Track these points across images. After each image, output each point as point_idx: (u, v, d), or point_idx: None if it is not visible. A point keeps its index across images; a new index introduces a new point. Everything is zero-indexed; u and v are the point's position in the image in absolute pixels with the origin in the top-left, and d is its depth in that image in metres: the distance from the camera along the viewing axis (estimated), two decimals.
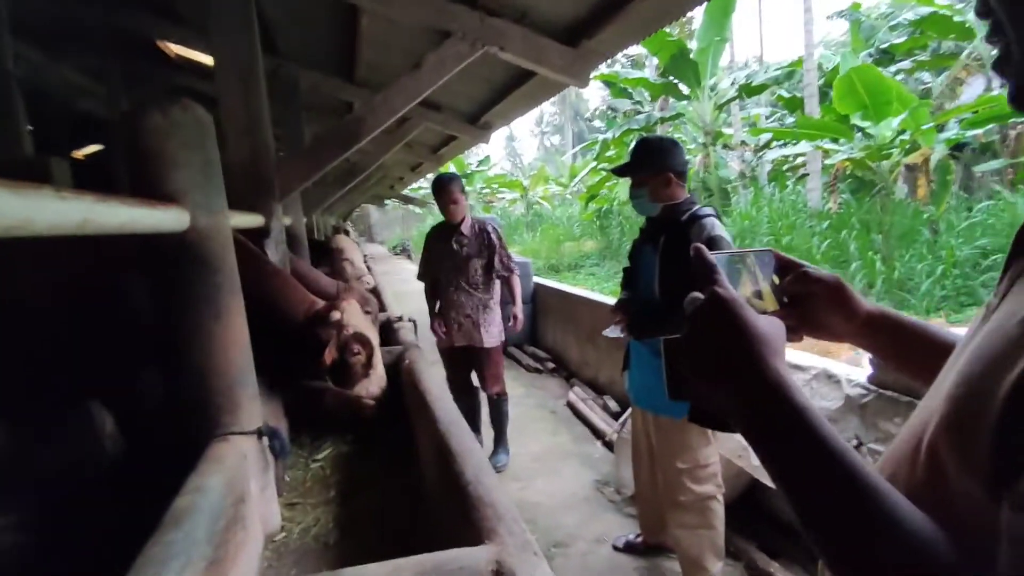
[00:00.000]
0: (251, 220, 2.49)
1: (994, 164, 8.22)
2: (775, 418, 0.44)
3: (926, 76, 12.88)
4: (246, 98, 2.74)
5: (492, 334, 3.07)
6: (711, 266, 0.53)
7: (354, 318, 2.18)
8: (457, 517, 1.30)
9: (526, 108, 4.58)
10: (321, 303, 2.26)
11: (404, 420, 2.42)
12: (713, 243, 1.84)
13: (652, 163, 2.00)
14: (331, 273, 5.03)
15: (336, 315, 2.10)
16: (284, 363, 2.12)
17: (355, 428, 2.49)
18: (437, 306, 3.28)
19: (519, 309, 3.21)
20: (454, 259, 3.10)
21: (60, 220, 0.83)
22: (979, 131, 8.24)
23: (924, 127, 6.66)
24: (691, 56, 9.69)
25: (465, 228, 3.10)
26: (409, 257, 20.55)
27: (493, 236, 3.08)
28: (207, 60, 4.66)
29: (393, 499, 1.92)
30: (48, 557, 1.56)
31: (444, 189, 3.07)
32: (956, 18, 8.93)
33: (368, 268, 8.06)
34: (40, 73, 5.34)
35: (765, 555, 2.13)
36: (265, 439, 1.64)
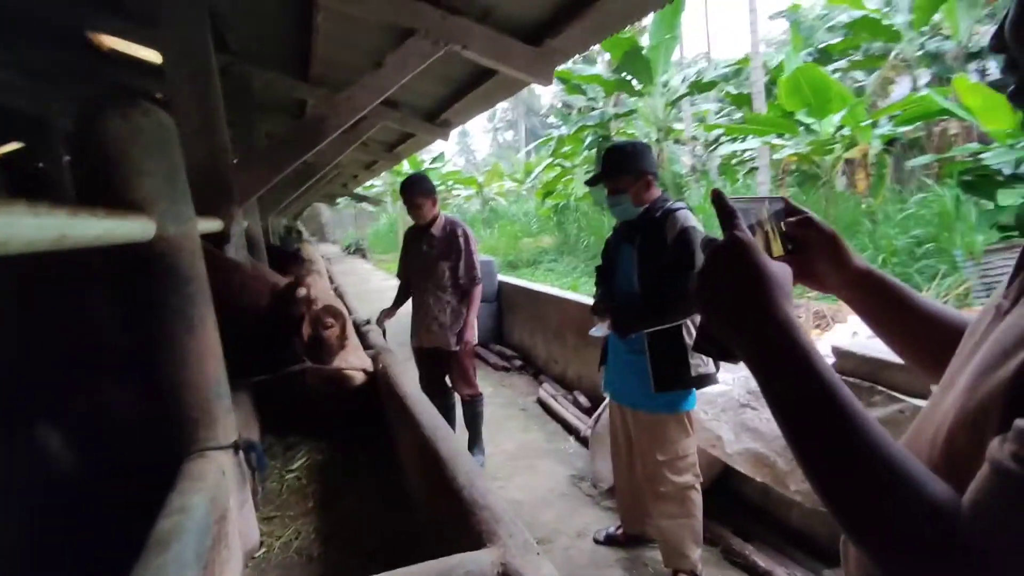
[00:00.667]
0: (210, 225, 2.39)
1: (924, 159, 8.74)
2: (781, 351, 0.48)
3: (859, 75, 13.57)
4: (200, 97, 2.64)
5: (467, 341, 3.01)
6: (731, 211, 0.56)
7: (320, 292, 2.14)
8: (453, 522, 1.30)
9: (486, 106, 4.57)
10: (282, 282, 2.20)
11: (380, 426, 2.39)
12: (686, 234, 1.89)
13: (631, 168, 2.04)
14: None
15: (303, 290, 2.05)
16: (253, 356, 2.05)
17: (327, 434, 2.44)
18: (400, 305, 3.25)
19: (471, 328, 3.00)
20: (423, 261, 3.06)
21: (37, 236, 0.78)
22: (908, 128, 8.76)
23: (862, 124, 7.03)
24: (643, 53, 9.89)
25: (435, 229, 3.04)
26: (364, 256, 20.19)
27: (461, 240, 3.01)
28: (146, 55, 4.44)
29: (376, 507, 1.89)
30: None
31: (403, 194, 3.04)
32: (884, 21, 9.45)
33: (331, 281, 7.90)
34: None
35: (740, 539, 2.21)
36: (242, 453, 1.59)
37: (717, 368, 2.00)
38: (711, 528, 2.33)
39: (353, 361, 2.11)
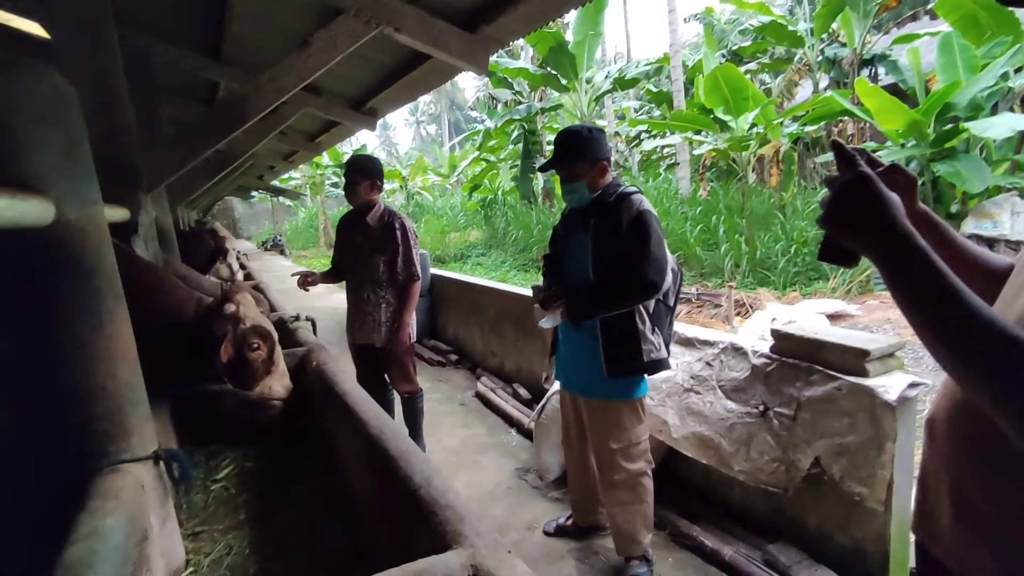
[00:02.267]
0: (114, 214, 2.15)
1: (828, 156, 9.46)
2: (908, 255, 0.63)
3: (766, 77, 14.44)
4: (97, 69, 2.37)
5: (400, 341, 2.82)
6: (852, 154, 0.72)
7: (250, 311, 1.98)
8: (412, 525, 1.21)
9: (416, 94, 4.43)
10: (210, 299, 2.03)
11: (315, 427, 2.23)
12: (643, 217, 1.88)
13: (587, 154, 1.99)
14: (218, 259, 4.55)
15: (231, 307, 1.91)
16: (171, 369, 1.87)
17: (257, 440, 2.26)
18: (327, 279, 3.06)
19: (406, 327, 2.81)
20: (357, 252, 2.84)
21: None
22: (813, 127, 9.42)
23: (773, 122, 7.47)
24: (568, 48, 10.00)
25: (371, 219, 2.81)
26: (282, 252, 19.23)
27: (399, 232, 2.78)
28: (28, 27, 3.94)
29: (316, 516, 1.76)
30: None
31: (344, 172, 2.81)
32: (789, 27, 10.09)
33: (243, 266, 7.41)
34: None
35: (686, 521, 2.25)
36: (163, 464, 1.42)
37: (668, 354, 2.02)
38: (658, 512, 2.36)
39: (276, 389, 1.96)
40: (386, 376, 2.95)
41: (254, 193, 15.80)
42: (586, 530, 2.29)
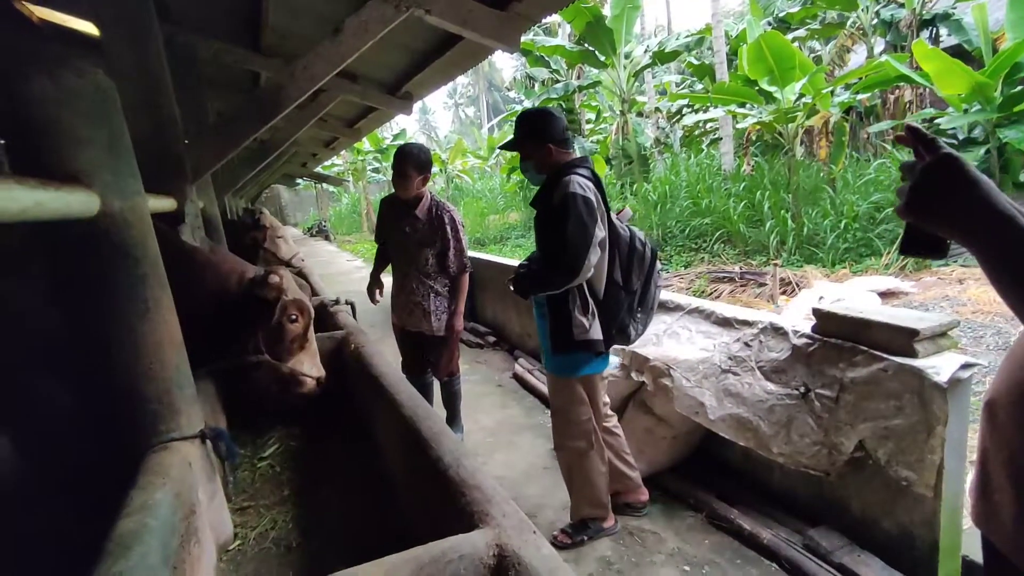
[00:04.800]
0: (162, 204, 2.24)
1: (882, 125, 8.93)
2: (1006, 232, 0.62)
3: (816, 44, 13.71)
4: (143, 66, 2.45)
5: (444, 322, 2.86)
6: (932, 137, 0.69)
7: (292, 285, 2.07)
8: (441, 504, 1.24)
9: (450, 76, 4.42)
10: (252, 271, 2.11)
11: (354, 408, 2.30)
12: (566, 200, 1.89)
13: (532, 136, 2.07)
14: (260, 250, 4.71)
15: (275, 278, 1.98)
16: (216, 340, 1.96)
17: (298, 420, 2.34)
18: (380, 271, 3.10)
19: (459, 317, 2.86)
20: (405, 244, 2.83)
21: None
22: (865, 95, 8.91)
23: (822, 92, 7.10)
24: (606, 23, 9.74)
25: (420, 211, 2.77)
26: (327, 238, 19.71)
27: (449, 228, 2.76)
28: (80, 26, 4.12)
29: (355, 493, 1.81)
30: None
31: (395, 161, 2.76)
32: None
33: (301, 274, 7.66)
34: None
35: (724, 503, 2.22)
36: (209, 442, 1.49)
37: (608, 342, 2.07)
38: (694, 494, 2.34)
39: (308, 367, 2.02)
40: (429, 360, 3.00)
41: (299, 181, 16.19)
42: (619, 509, 2.29)
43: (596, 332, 2.01)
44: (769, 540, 2.01)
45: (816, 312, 2.01)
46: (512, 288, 2.11)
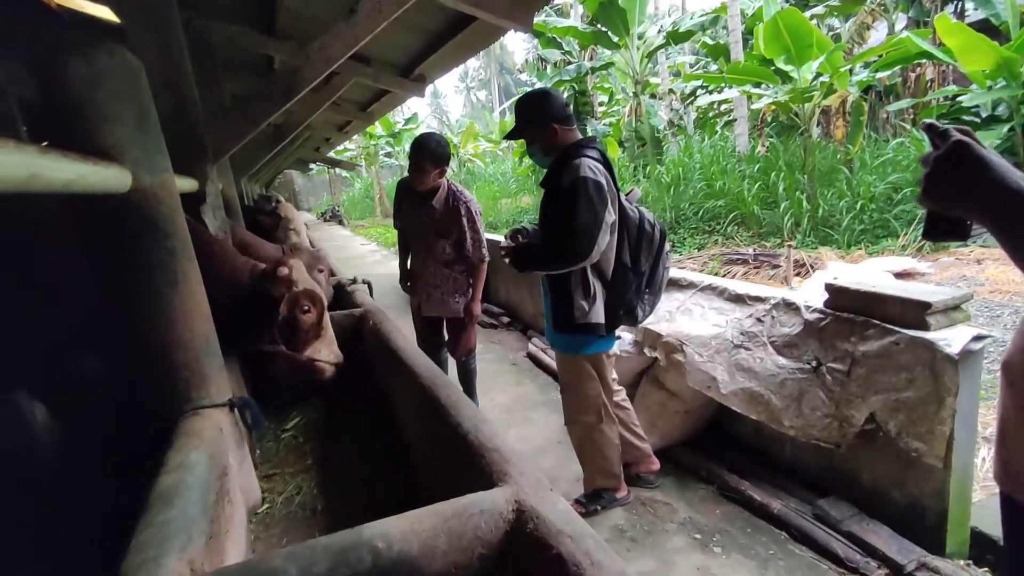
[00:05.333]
0: (184, 184, 2.29)
1: (901, 104, 8.74)
2: (1020, 206, 0.65)
3: (835, 22, 13.42)
4: (163, 50, 2.49)
5: (461, 306, 2.88)
6: (944, 128, 0.74)
7: (302, 275, 2.08)
8: (461, 467, 1.29)
9: (463, 58, 4.42)
10: (263, 265, 2.14)
11: (374, 381, 2.36)
12: (576, 184, 1.88)
13: (534, 120, 2.06)
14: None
15: (284, 271, 2.00)
16: (231, 331, 2.00)
17: (319, 394, 2.41)
18: (407, 263, 3.11)
19: (478, 303, 2.88)
20: (423, 232, 2.84)
21: (7, 174, 0.72)
22: (885, 73, 8.73)
23: (840, 70, 6.98)
24: (619, 3, 9.61)
25: (436, 202, 2.76)
26: (341, 223, 19.83)
27: (465, 219, 2.74)
28: (96, 11, 4.16)
29: (376, 461, 1.88)
30: None
31: (411, 153, 2.71)
32: None
33: (313, 255, 7.73)
34: None
35: (735, 475, 2.26)
36: (237, 411, 1.56)
37: (612, 325, 2.09)
38: (706, 466, 2.38)
39: (326, 354, 2.04)
40: (445, 340, 3.05)
41: (312, 165, 16.26)
42: (632, 481, 2.35)
43: (596, 315, 2.02)
44: (779, 510, 2.05)
45: (828, 287, 2.02)
46: (507, 260, 2.12)
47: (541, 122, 2.04)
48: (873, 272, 5.21)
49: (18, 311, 1.54)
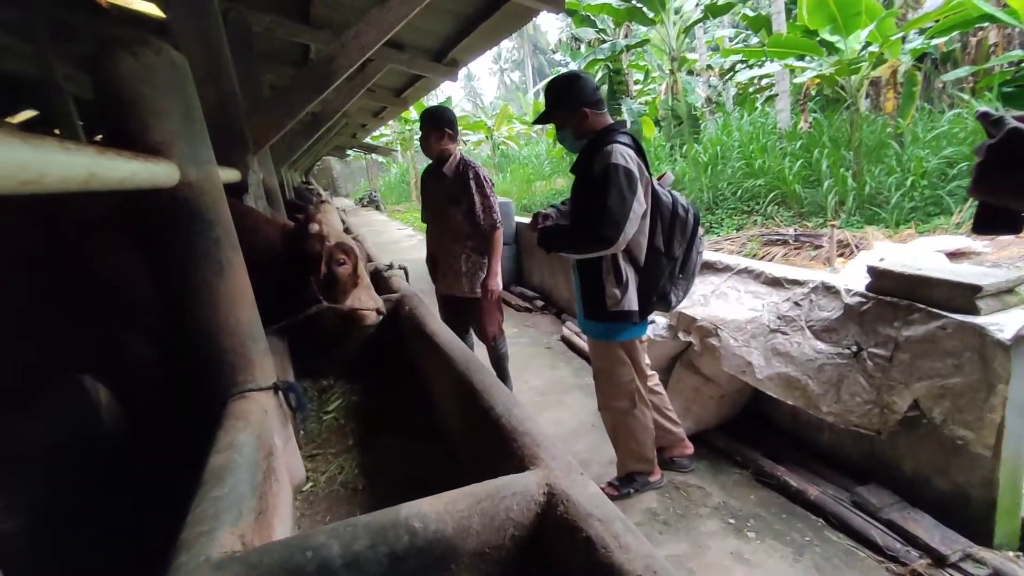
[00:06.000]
0: (227, 175, 2.37)
1: (960, 72, 8.24)
2: None
3: None
4: (205, 43, 2.56)
5: (477, 283, 2.86)
6: (1000, 116, 0.71)
7: (333, 228, 2.12)
8: (493, 450, 1.32)
9: (495, 41, 4.40)
10: (291, 224, 2.18)
11: (410, 365, 2.42)
12: (607, 171, 1.86)
13: (565, 104, 2.04)
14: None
15: (315, 227, 2.03)
16: (276, 299, 2.05)
17: (360, 376, 2.49)
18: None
19: (495, 276, 2.82)
20: (437, 204, 2.89)
21: (68, 174, 0.76)
22: (942, 40, 8.24)
23: (891, 38, 6.63)
24: None
25: (447, 170, 2.82)
26: (378, 208, 20.12)
27: (472, 183, 2.75)
28: (143, 8, 4.30)
29: (413, 442, 1.94)
30: (53, 538, 1.54)
31: (421, 123, 2.83)
32: None
33: (343, 221, 7.89)
34: None
35: (771, 461, 2.24)
36: (281, 394, 1.63)
37: (646, 312, 2.07)
38: (740, 451, 2.36)
39: (366, 300, 2.10)
40: (471, 325, 3.05)
41: (349, 152, 16.51)
42: (665, 464, 2.35)
43: (629, 303, 2.01)
44: (816, 496, 2.02)
45: (871, 270, 1.96)
46: (537, 240, 2.12)
47: (571, 106, 2.02)
48: (923, 252, 5.00)
49: (79, 302, 1.64)
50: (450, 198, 2.82)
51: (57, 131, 6.32)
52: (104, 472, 1.79)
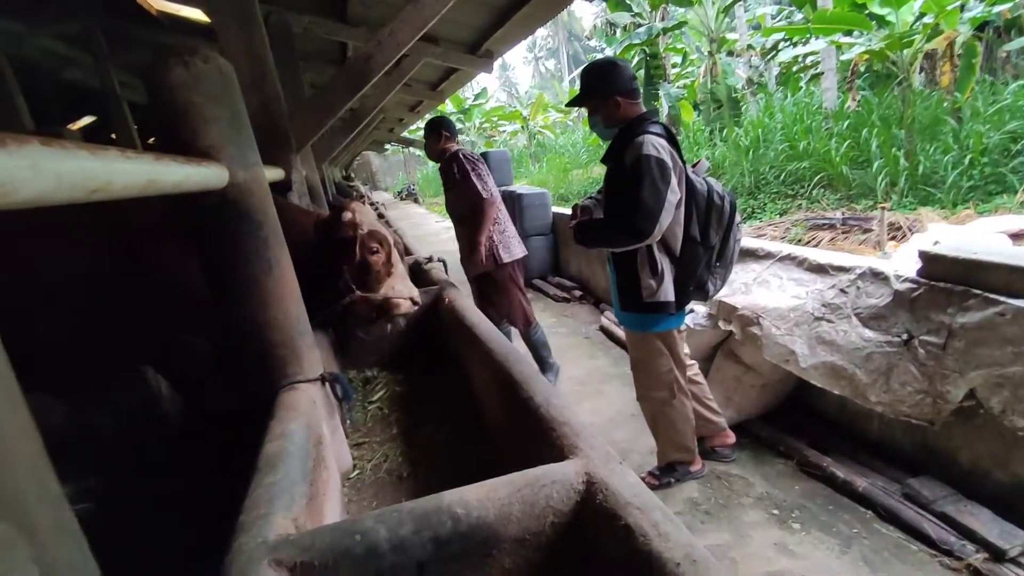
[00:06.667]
0: (272, 174, 2.45)
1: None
2: None
3: None
4: (248, 46, 2.65)
5: (475, 263, 3.07)
6: None
7: (366, 217, 2.13)
8: (533, 440, 1.34)
9: (530, 30, 4.39)
10: (325, 213, 2.22)
11: (449, 357, 2.47)
12: (640, 162, 1.83)
13: (598, 90, 2.02)
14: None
15: (348, 215, 2.04)
16: (311, 294, 2.09)
17: (402, 367, 2.56)
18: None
19: (479, 244, 3.01)
20: (446, 197, 3.21)
21: (131, 181, 0.82)
22: (1005, 7, 7.74)
23: (948, 8, 6.27)
24: None
25: (442, 161, 3.15)
26: (416, 201, 20.35)
27: (455, 165, 3.02)
28: (192, 14, 4.46)
29: (455, 432, 1.98)
30: (119, 521, 1.64)
31: (424, 133, 3.21)
32: None
33: (381, 215, 8.02)
34: (22, 44, 5.17)
35: (816, 451, 2.19)
36: (328, 385, 1.69)
37: (682, 302, 2.05)
38: (784, 442, 2.32)
39: (400, 289, 2.10)
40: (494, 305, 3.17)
41: (387, 146, 16.75)
42: (707, 453, 2.33)
43: (665, 294, 2.00)
44: (864, 488, 1.97)
45: (922, 255, 1.89)
46: (573, 234, 2.15)
47: (604, 93, 2.01)
48: (983, 233, 4.75)
49: (140, 300, 1.74)
50: (446, 183, 3.15)
51: (114, 135, 6.65)
52: (163, 456, 1.90)
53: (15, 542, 0.32)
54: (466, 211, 3.04)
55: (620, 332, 3.79)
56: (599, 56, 14.28)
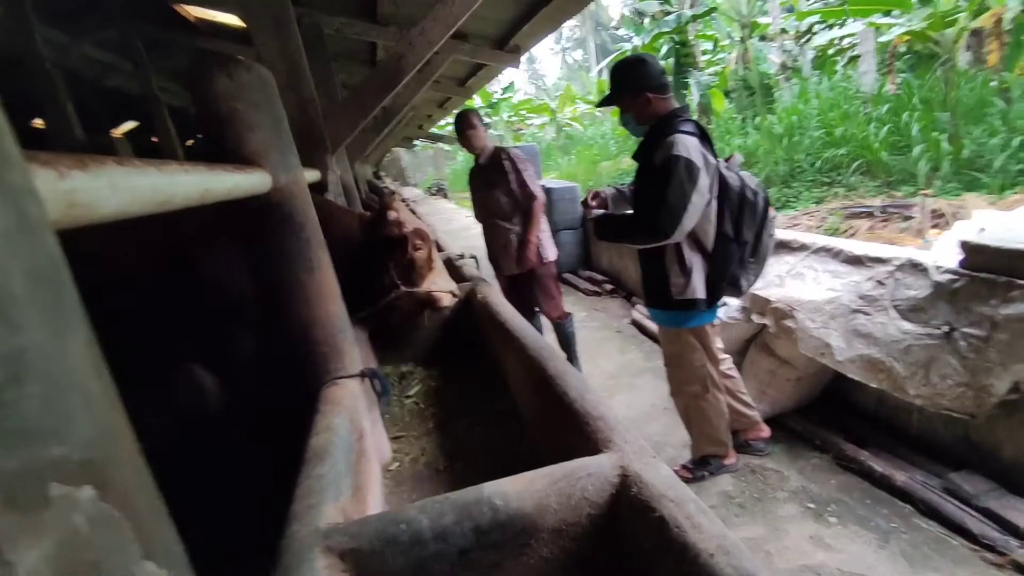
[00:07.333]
0: (309, 175, 2.53)
1: None
2: None
3: None
4: (284, 51, 2.73)
5: (522, 261, 3.08)
6: None
7: (408, 216, 2.23)
8: (567, 434, 1.38)
9: (558, 23, 4.38)
10: (368, 213, 2.30)
11: (484, 351, 2.52)
12: (669, 163, 1.83)
13: (628, 87, 2.01)
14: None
15: (392, 214, 2.12)
16: (355, 291, 2.16)
17: (437, 362, 2.61)
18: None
19: (532, 243, 3.04)
20: (482, 194, 3.17)
21: (190, 192, 0.88)
22: None
23: None
24: None
25: (483, 159, 3.12)
26: (446, 196, 20.47)
27: (506, 163, 3.01)
28: (227, 19, 4.60)
29: (490, 425, 2.03)
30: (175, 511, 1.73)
31: (455, 125, 3.17)
32: None
33: (412, 211, 8.13)
34: (67, 53, 5.39)
35: (853, 445, 2.17)
36: (368, 380, 1.75)
37: (715, 298, 2.04)
38: (820, 435, 2.30)
39: (441, 284, 2.19)
40: (534, 302, 3.19)
41: (416, 142, 16.88)
42: (741, 446, 2.33)
43: (695, 291, 2.00)
44: (903, 482, 1.95)
45: (964, 245, 1.85)
46: (593, 228, 2.17)
47: (634, 90, 2.01)
48: None
49: (190, 301, 1.82)
50: (488, 182, 3.10)
51: (155, 139, 6.89)
52: (212, 450, 1.99)
53: (120, 522, 0.36)
54: (512, 209, 3.07)
55: (652, 325, 3.78)
56: (627, 46, 14.08)
